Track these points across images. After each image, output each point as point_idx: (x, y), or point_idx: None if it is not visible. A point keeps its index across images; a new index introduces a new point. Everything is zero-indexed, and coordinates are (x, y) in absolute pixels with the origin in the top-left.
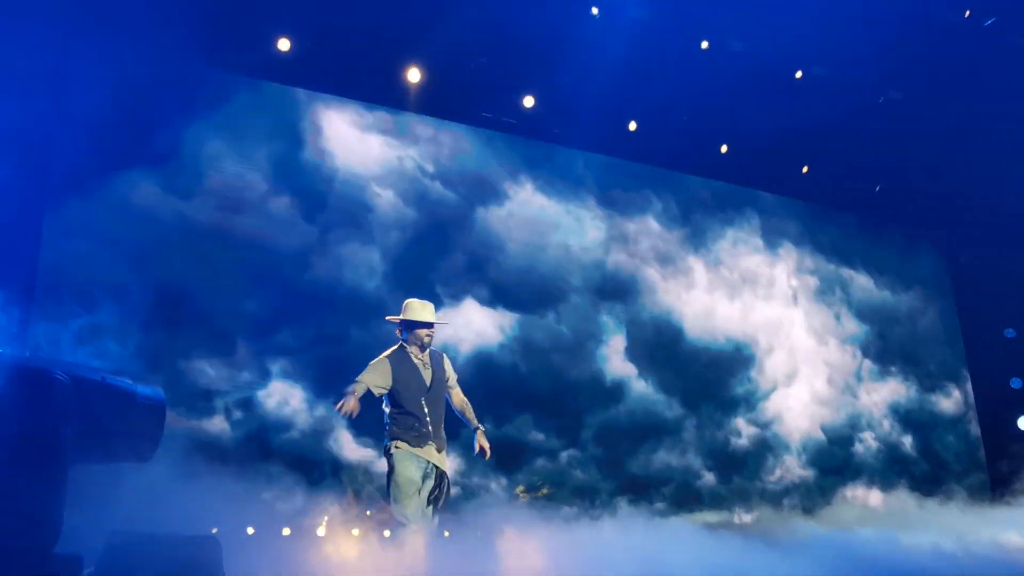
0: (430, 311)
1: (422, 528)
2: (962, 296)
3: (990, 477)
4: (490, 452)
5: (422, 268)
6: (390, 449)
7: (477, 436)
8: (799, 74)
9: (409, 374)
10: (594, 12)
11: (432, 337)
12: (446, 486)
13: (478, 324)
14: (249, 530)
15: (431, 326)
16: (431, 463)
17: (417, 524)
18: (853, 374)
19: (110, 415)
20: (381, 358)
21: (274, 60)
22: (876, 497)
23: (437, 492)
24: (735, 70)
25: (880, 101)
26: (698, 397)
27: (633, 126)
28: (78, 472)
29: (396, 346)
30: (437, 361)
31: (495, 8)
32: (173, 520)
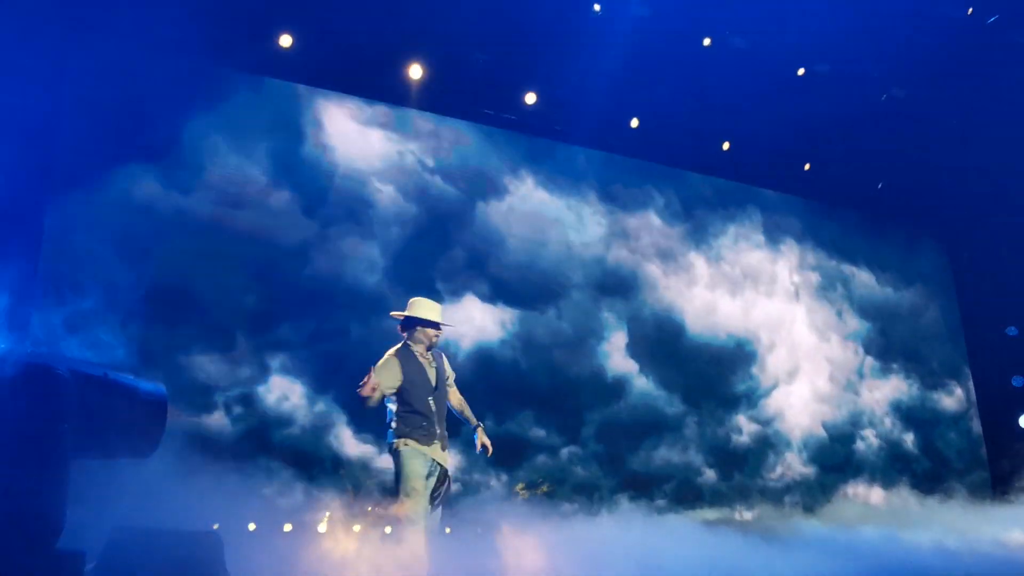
0: (438, 312)
1: (426, 525)
2: (964, 293)
3: (991, 475)
4: (492, 449)
5: (422, 263)
6: (398, 447)
7: (478, 434)
8: (801, 71)
9: (416, 373)
10: (596, 9)
11: (439, 338)
12: (447, 483)
13: (478, 320)
14: (250, 526)
15: (440, 327)
16: (435, 461)
17: (424, 522)
18: (855, 371)
19: (112, 411)
20: (389, 357)
21: (276, 56)
22: (877, 494)
23: (441, 489)
24: (737, 67)
25: (882, 99)
26: (699, 394)
27: (635, 123)
28: (79, 468)
29: (400, 344)
30: (439, 359)
31: (497, 5)
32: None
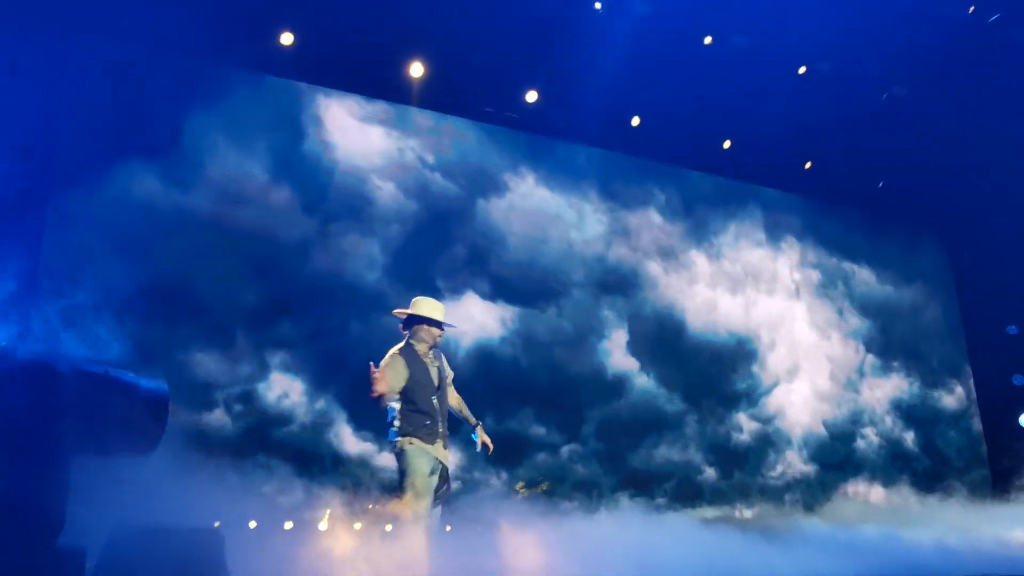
0: (442, 312)
1: (428, 523)
2: (964, 292)
3: (992, 473)
4: (492, 447)
5: (423, 261)
6: (402, 446)
7: (477, 432)
8: (802, 70)
9: (421, 372)
10: (597, 7)
11: (441, 338)
12: (448, 482)
13: (479, 318)
14: (251, 524)
15: (443, 327)
16: (438, 459)
17: (429, 520)
18: (855, 369)
19: (113, 409)
20: (395, 356)
21: (278, 55)
22: (877, 493)
23: (443, 488)
24: (738, 65)
25: (883, 97)
26: (700, 392)
27: (636, 121)
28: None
29: (403, 343)
30: (439, 359)
31: (499, 3)
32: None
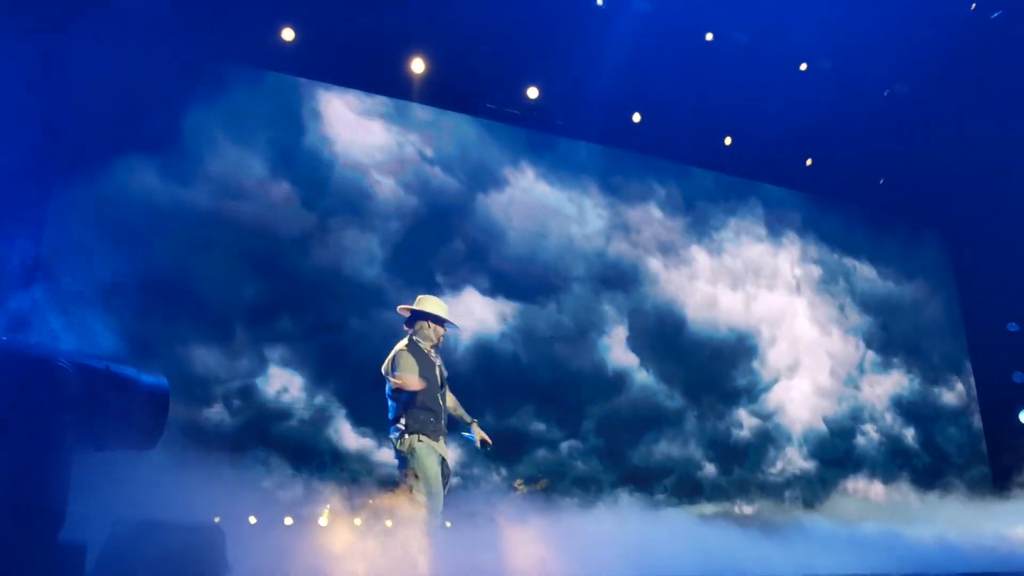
0: (446, 311)
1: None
2: (965, 288)
3: (992, 470)
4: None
5: (422, 256)
6: (412, 444)
7: (473, 429)
8: (804, 66)
9: (427, 369)
10: (599, 3)
11: (443, 337)
12: (449, 476)
13: (479, 313)
14: (251, 519)
15: (447, 326)
16: (441, 455)
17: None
18: (855, 366)
19: (114, 404)
20: (406, 355)
21: (279, 50)
22: (877, 490)
23: (445, 483)
24: (739, 62)
25: (884, 94)
26: (700, 388)
27: (637, 118)
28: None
29: (407, 340)
30: (439, 357)
31: None
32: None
